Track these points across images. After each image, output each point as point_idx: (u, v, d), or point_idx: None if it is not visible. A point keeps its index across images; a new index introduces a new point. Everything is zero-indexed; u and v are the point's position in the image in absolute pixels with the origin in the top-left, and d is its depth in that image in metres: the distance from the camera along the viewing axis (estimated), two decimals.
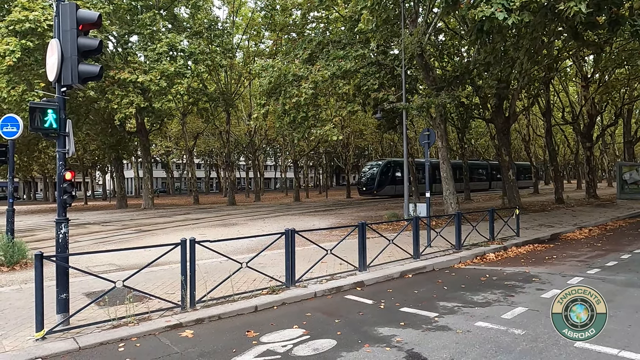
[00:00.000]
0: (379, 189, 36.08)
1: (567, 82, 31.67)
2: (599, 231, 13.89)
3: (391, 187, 36.47)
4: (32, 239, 13.95)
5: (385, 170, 36.70)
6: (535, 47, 13.10)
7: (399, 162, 38.34)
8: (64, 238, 5.25)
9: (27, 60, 19.31)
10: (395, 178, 36.92)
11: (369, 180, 37.22)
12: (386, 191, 36.23)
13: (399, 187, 35.71)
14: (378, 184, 36.18)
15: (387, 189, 36.28)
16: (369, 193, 36.46)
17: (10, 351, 4.52)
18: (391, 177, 36.80)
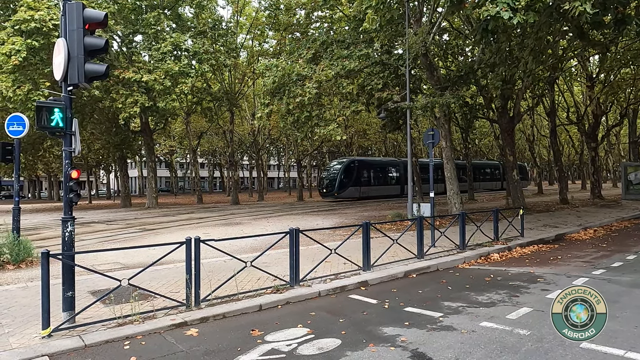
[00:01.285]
0: (341, 191, 32.97)
1: (572, 82, 31.51)
2: (604, 232, 13.82)
3: (355, 189, 33.45)
4: (37, 237, 14.02)
5: (349, 170, 33.50)
6: (540, 47, 13.04)
7: (364, 161, 36.99)
8: (70, 236, 5.28)
9: (32, 60, 19.42)
10: (360, 179, 34.12)
11: (330, 182, 33.89)
12: (349, 193, 33.27)
13: (364, 188, 34.07)
14: (340, 186, 32.89)
15: (350, 191, 33.23)
16: (330, 195, 33.48)
17: (17, 348, 4.55)
18: (355, 178, 33.60)
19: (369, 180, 34.90)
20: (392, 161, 39.54)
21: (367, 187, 34.15)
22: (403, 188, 35.95)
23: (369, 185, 34.47)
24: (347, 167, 33.56)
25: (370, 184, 34.96)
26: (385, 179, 36.99)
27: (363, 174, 34.66)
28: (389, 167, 38.01)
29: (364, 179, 34.62)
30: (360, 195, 33.51)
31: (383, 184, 36.43)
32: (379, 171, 36.83)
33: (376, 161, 39.81)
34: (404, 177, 36.16)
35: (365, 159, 38.57)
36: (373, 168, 36.33)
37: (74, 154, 5.37)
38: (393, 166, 37.81)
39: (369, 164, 36.89)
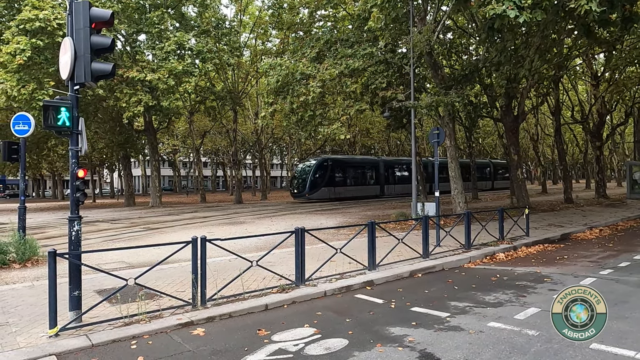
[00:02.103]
0: (312, 191, 30.91)
1: (577, 80, 31.35)
2: (609, 231, 13.74)
3: (328, 190, 31.38)
4: (42, 236, 14.07)
5: (321, 169, 31.47)
6: (545, 45, 12.97)
7: (339, 159, 34.67)
8: (76, 235, 5.28)
9: (37, 59, 19.47)
10: (333, 179, 32.04)
11: (301, 182, 31.89)
12: (322, 194, 31.19)
13: (338, 189, 32.14)
14: (311, 186, 30.85)
15: (322, 192, 31.14)
16: (301, 196, 31.48)
17: (24, 348, 4.55)
18: (328, 178, 31.57)
19: (344, 181, 33.10)
20: (370, 160, 37.92)
21: (342, 188, 32.48)
22: (383, 188, 35.18)
23: (344, 186, 32.77)
24: (319, 166, 31.59)
25: (346, 184, 33.21)
26: (362, 179, 35.03)
27: (337, 173, 32.71)
28: (367, 166, 36.09)
29: (339, 178, 32.65)
30: (334, 196, 31.58)
31: (360, 184, 34.50)
32: (356, 171, 34.86)
33: (352, 160, 37.48)
34: (384, 177, 35.24)
35: (339, 157, 36.40)
36: (349, 167, 34.34)
37: (81, 153, 5.37)
38: (371, 165, 36.16)
39: (344, 162, 34.78)
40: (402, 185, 36.79)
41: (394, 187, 36.40)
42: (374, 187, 35.14)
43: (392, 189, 36.09)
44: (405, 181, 37.53)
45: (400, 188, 36.51)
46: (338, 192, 31.94)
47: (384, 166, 36.03)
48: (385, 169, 36.04)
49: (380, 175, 35.42)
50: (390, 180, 36.32)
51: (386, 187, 35.66)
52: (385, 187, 35.60)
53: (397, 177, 37.39)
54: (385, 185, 35.62)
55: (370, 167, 35.84)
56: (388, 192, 35.45)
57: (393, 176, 36.90)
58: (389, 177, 36.26)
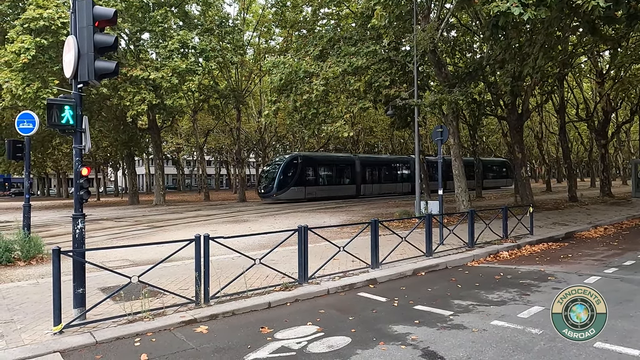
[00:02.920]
0: (281, 191, 28.52)
1: (582, 78, 31.15)
2: (614, 230, 13.66)
3: (298, 189, 29.07)
4: (47, 234, 14.15)
5: (291, 167, 29.10)
6: (550, 43, 12.90)
7: (311, 157, 32.14)
8: (80, 233, 5.30)
9: (41, 58, 19.54)
10: (304, 178, 29.55)
11: (268, 181, 29.45)
12: (291, 194, 28.80)
13: (310, 189, 29.70)
14: (279, 185, 28.40)
15: (291, 192, 28.77)
16: (268, 197, 29.16)
17: (29, 344, 4.59)
18: (298, 177, 29.20)
19: (316, 180, 30.66)
20: (346, 157, 34.91)
21: (315, 188, 30.16)
22: (359, 188, 32.98)
23: (316, 185, 30.40)
24: (288, 164, 29.17)
25: (318, 183, 30.79)
26: (337, 178, 32.44)
27: (309, 172, 30.19)
28: (342, 164, 33.26)
29: (310, 177, 30.16)
30: (305, 196, 29.31)
31: (335, 183, 32.05)
32: (330, 169, 32.31)
33: (326, 157, 34.82)
34: (361, 176, 33.04)
35: (312, 155, 33.86)
36: (322, 165, 31.79)
37: (84, 151, 5.39)
38: (347, 163, 33.35)
39: (317, 160, 32.23)
40: (381, 184, 34.81)
41: (372, 186, 34.21)
42: (350, 187, 32.77)
43: (370, 189, 33.91)
44: (386, 180, 35.51)
45: (378, 188, 34.58)
46: (310, 192, 29.60)
47: (361, 164, 33.43)
48: (363, 167, 33.50)
49: (356, 174, 32.96)
50: (367, 179, 33.93)
51: (363, 186, 33.35)
52: (362, 187, 33.26)
53: (376, 176, 34.93)
54: (362, 184, 33.27)
55: (345, 166, 33.24)
56: (365, 192, 33.32)
57: (371, 175, 34.52)
58: (366, 176, 33.78)
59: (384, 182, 34.89)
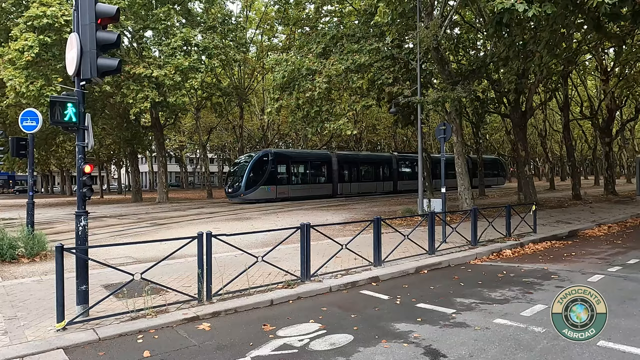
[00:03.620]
0: (249, 191, 26.22)
1: (586, 75, 30.96)
2: (618, 228, 13.59)
3: (268, 189, 26.95)
4: (50, 231, 14.20)
5: (260, 165, 26.83)
6: (554, 40, 12.81)
7: (281, 154, 29.94)
8: (83, 230, 5.32)
9: (45, 56, 19.61)
10: (274, 176, 27.50)
11: (236, 180, 27.23)
12: (261, 194, 26.55)
13: (282, 188, 27.79)
14: (247, 185, 26.15)
15: (260, 192, 26.53)
16: (235, 196, 26.85)
17: (32, 341, 4.61)
18: (269, 175, 27.05)
19: (288, 178, 28.78)
20: (322, 155, 32.74)
21: (287, 187, 28.30)
22: (336, 187, 31.00)
23: (289, 184, 28.54)
24: (258, 161, 26.86)
25: (291, 182, 28.86)
26: (312, 176, 30.46)
27: (281, 170, 28.30)
28: (318, 161, 31.24)
29: (282, 176, 28.27)
30: (276, 196, 27.33)
31: (309, 182, 30.01)
32: (304, 167, 30.35)
33: (300, 154, 32.63)
34: (338, 174, 31.08)
35: (284, 152, 31.80)
36: (295, 163, 29.82)
37: (87, 148, 5.40)
38: (323, 161, 31.30)
39: (290, 157, 30.24)
40: (360, 183, 32.83)
41: (350, 185, 32.19)
42: (325, 186, 30.72)
43: (348, 188, 31.86)
44: (365, 179, 33.55)
45: (357, 187, 32.57)
46: (281, 192, 27.71)
47: (338, 162, 31.31)
48: (340, 165, 31.40)
49: (333, 173, 30.93)
50: (345, 178, 31.91)
51: (340, 185, 31.28)
52: (339, 186, 31.16)
53: (354, 174, 32.89)
54: (339, 183, 31.21)
55: (321, 163, 31.23)
56: (343, 192, 31.33)
57: (349, 173, 32.52)
58: (344, 175, 31.74)
59: (363, 181, 33.06)
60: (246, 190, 26.16)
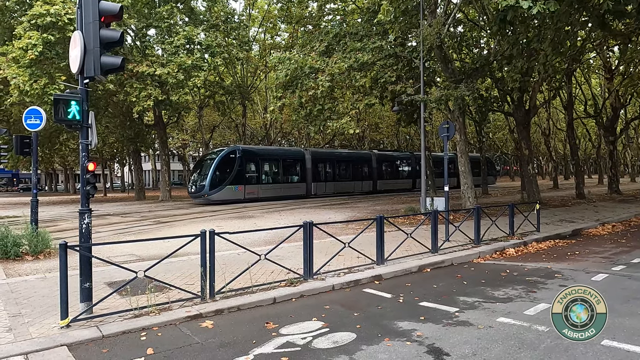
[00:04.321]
0: (214, 191, 24.13)
1: (590, 74, 30.79)
2: (622, 227, 13.54)
3: (235, 189, 24.88)
4: (54, 229, 14.25)
5: (227, 163, 24.74)
6: (559, 38, 12.73)
7: (250, 151, 27.27)
8: (87, 228, 5.33)
9: (48, 54, 19.66)
10: (242, 175, 25.41)
11: (200, 178, 25.00)
12: (226, 194, 24.46)
13: (251, 188, 25.72)
14: (212, 184, 24.03)
15: (226, 192, 24.46)
16: (199, 196, 24.66)
17: (37, 338, 4.63)
18: (237, 174, 24.94)
19: (258, 177, 26.67)
20: (295, 152, 30.84)
21: (256, 186, 26.29)
22: (310, 187, 29.09)
23: (258, 184, 26.52)
24: (224, 158, 24.75)
25: (261, 181, 26.84)
26: (284, 175, 28.59)
27: (250, 168, 26.13)
28: (291, 159, 29.46)
29: (251, 174, 26.18)
30: (244, 197, 25.32)
31: (281, 181, 28.11)
32: (275, 165, 28.32)
33: (271, 151, 30.50)
34: (312, 173, 29.18)
35: (253, 148, 29.31)
36: (266, 161, 27.72)
37: (91, 146, 5.41)
38: (296, 159, 29.46)
39: (260, 154, 27.81)
40: (336, 183, 30.91)
41: (325, 185, 30.30)
42: (298, 186, 28.85)
43: (323, 188, 30.02)
44: (342, 178, 31.58)
45: (332, 187, 30.64)
46: (250, 192, 25.69)
47: (313, 160, 29.46)
48: (314, 163, 29.58)
49: (306, 171, 29.04)
50: (320, 177, 30.14)
51: (314, 185, 29.43)
52: (313, 186, 29.32)
53: (330, 173, 31.03)
54: (313, 183, 29.38)
55: (294, 161, 29.35)
56: (317, 192, 29.55)
57: (325, 172, 30.71)
58: (318, 174, 29.94)
59: (339, 181, 31.20)
60: (211, 190, 24.08)
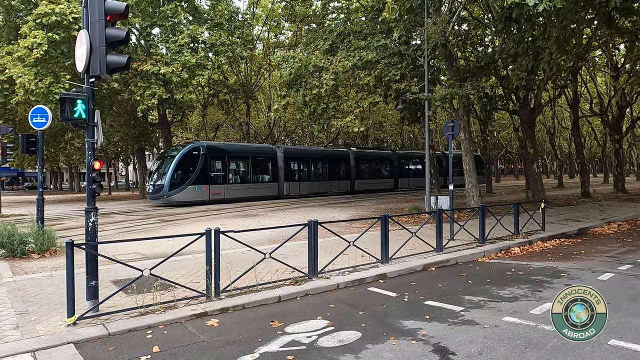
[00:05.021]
0: (174, 191, 22.11)
1: (596, 72, 30.59)
2: (628, 226, 13.44)
3: (198, 189, 22.88)
4: (60, 227, 14.33)
5: (189, 160, 22.73)
6: (565, 36, 12.66)
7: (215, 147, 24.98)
8: (93, 226, 5.36)
9: (53, 53, 19.74)
10: (206, 174, 23.26)
11: (159, 178, 22.99)
12: (188, 195, 22.49)
13: (216, 187, 23.73)
14: (172, 183, 21.98)
15: (189, 192, 22.45)
16: (158, 197, 22.68)
17: (43, 336, 4.65)
18: (200, 173, 22.91)
19: (224, 176, 24.55)
20: (265, 150, 28.38)
21: (222, 187, 24.24)
22: (282, 187, 27.11)
23: (225, 184, 24.41)
24: (186, 155, 22.73)
25: (228, 181, 24.72)
26: (254, 174, 26.46)
27: (215, 166, 24.02)
28: (261, 157, 27.08)
29: (217, 173, 24.08)
30: (210, 198, 23.37)
31: (250, 181, 25.98)
32: (244, 163, 26.18)
33: (239, 148, 27.86)
34: (285, 172, 27.24)
35: (219, 145, 26.70)
36: (233, 158, 25.55)
37: (97, 145, 5.43)
38: (267, 156, 27.15)
39: (227, 152, 25.37)
40: (312, 182, 29.08)
41: (299, 185, 28.39)
42: (269, 186, 26.74)
43: (296, 188, 28.07)
44: (317, 177, 29.74)
45: (307, 187, 28.78)
46: (216, 192, 23.67)
47: (285, 158, 27.50)
48: (287, 162, 27.61)
49: (278, 170, 26.99)
50: (293, 176, 28.24)
51: (287, 185, 27.45)
52: (285, 186, 27.34)
53: (304, 172, 29.20)
54: (285, 182, 27.40)
55: (265, 159, 27.16)
56: (290, 192, 27.59)
57: (299, 172, 28.86)
58: (292, 173, 28.05)
59: (314, 180, 29.37)
60: (170, 191, 22.03)
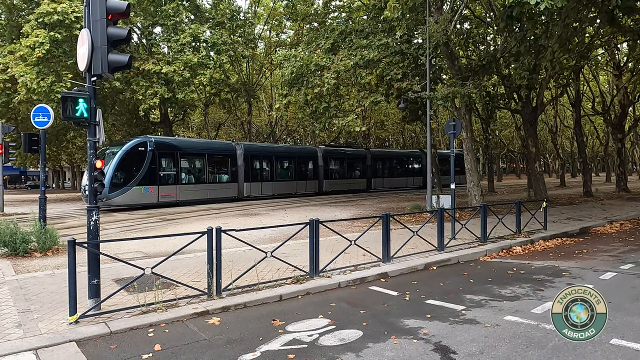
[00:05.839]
0: (116, 192, 19.50)
1: (598, 71, 30.50)
2: (631, 225, 13.41)
3: (144, 190, 20.29)
4: (62, 226, 14.37)
5: (134, 157, 20.09)
6: (566, 35, 12.62)
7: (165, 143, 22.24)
8: (95, 225, 5.37)
9: (55, 52, 19.79)
10: (154, 173, 20.74)
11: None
12: (133, 197, 19.99)
13: (167, 189, 21.24)
14: (113, 184, 19.30)
15: (133, 194, 19.96)
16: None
17: (46, 334, 4.67)
18: (147, 172, 20.39)
19: (176, 176, 21.94)
20: (223, 146, 25.99)
21: (174, 187, 21.75)
22: (242, 188, 24.88)
23: (177, 184, 21.88)
24: (130, 152, 19.96)
25: (180, 181, 22.15)
26: (210, 174, 23.98)
27: (165, 165, 21.55)
28: (219, 155, 24.68)
29: (167, 173, 21.55)
30: (159, 200, 20.86)
31: (207, 181, 23.53)
32: (199, 162, 23.64)
33: (192, 144, 25.81)
34: (245, 171, 24.96)
35: (169, 140, 23.69)
36: (187, 156, 23.06)
37: (98, 143, 5.44)
38: (225, 154, 24.74)
39: (179, 148, 22.76)
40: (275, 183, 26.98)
41: (261, 185, 26.17)
42: (229, 186, 24.39)
43: (258, 189, 25.82)
44: (282, 177, 27.81)
45: (270, 187, 26.60)
46: (166, 194, 21.18)
47: (245, 156, 25.08)
48: (247, 160, 25.18)
49: (238, 169, 24.71)
50: (255, 176, 25.99)
51: (248, 185, 25.14)
52: (245, 186, 25.04)
53: (267, 172, 27.06)
54: (246, 183, 25.11)
55: (223, 157, 24.73)
56: (251, 193, 25.39)
57: (261, 171, 26.67)
58: (253, 172, 25.73)
59: (279, 180, 27.38)
60: (111, 193, 19.22)
